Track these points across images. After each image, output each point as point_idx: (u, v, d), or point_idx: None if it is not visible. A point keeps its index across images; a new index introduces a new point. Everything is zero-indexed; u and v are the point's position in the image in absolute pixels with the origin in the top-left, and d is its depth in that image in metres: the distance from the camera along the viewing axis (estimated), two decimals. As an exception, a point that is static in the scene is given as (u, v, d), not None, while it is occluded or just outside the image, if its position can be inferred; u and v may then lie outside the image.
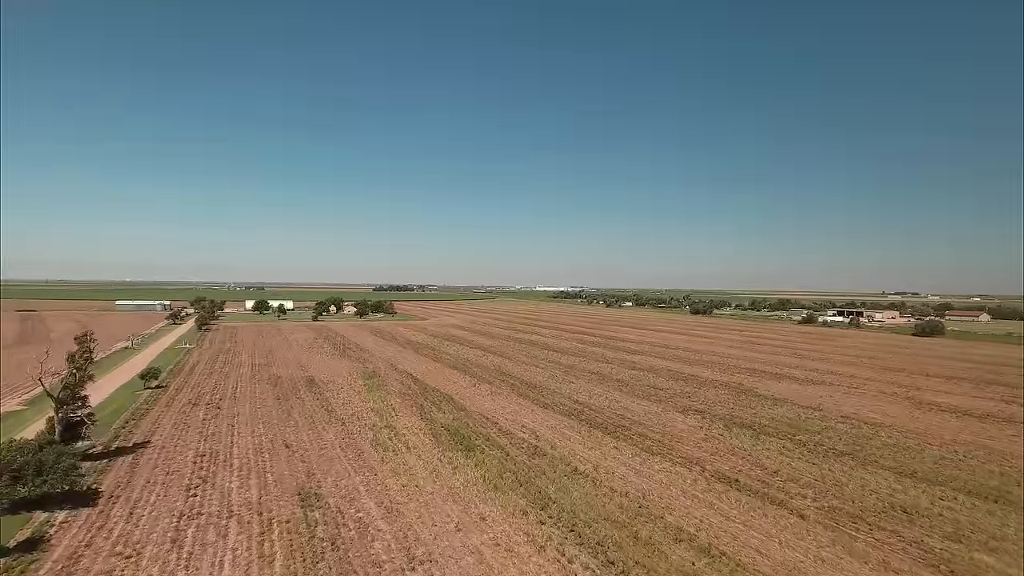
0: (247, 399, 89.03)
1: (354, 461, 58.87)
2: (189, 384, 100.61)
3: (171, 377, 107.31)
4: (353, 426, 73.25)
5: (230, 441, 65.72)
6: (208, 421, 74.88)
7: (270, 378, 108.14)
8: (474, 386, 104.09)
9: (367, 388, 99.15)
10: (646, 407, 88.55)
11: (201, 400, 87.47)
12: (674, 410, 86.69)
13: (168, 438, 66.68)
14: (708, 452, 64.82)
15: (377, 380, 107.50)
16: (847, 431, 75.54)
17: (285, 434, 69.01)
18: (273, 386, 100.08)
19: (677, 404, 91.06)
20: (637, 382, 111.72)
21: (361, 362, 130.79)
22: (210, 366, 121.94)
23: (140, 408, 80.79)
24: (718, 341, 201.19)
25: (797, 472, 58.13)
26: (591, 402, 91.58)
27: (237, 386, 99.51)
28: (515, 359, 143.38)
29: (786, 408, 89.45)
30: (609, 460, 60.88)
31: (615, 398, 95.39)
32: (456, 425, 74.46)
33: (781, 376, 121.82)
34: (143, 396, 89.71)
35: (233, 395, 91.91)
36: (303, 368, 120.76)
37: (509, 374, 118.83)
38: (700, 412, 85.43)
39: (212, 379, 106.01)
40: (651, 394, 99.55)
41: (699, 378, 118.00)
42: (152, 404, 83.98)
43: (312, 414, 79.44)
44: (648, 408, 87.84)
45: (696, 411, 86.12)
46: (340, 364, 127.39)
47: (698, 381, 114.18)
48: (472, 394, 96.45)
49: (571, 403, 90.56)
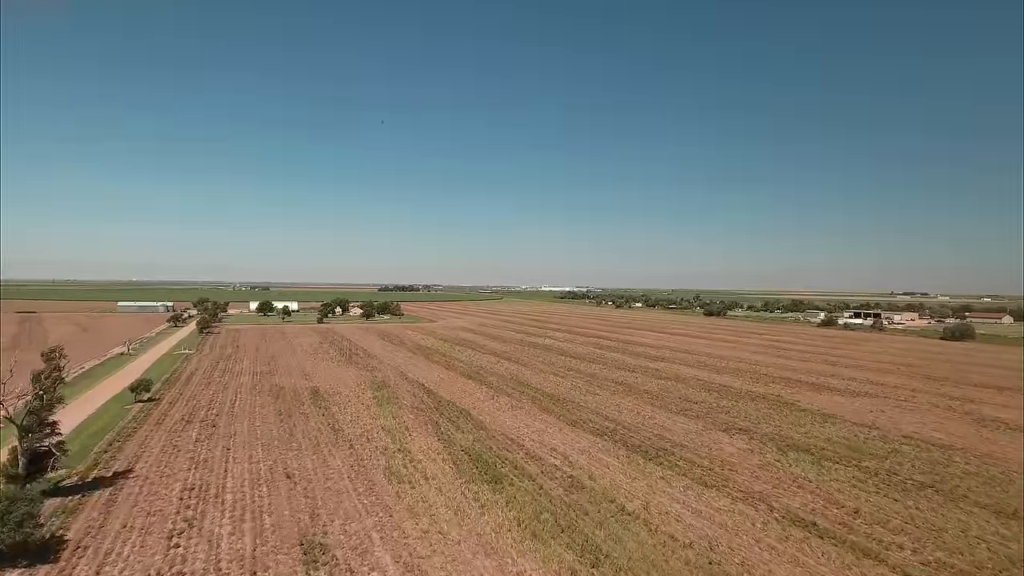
0: (246, 414, 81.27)
1: (365, 496, 50.89)
2: (184, 396, 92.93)
3: (166, 388, 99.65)
4: (363, 449, 65.31)
5: (224, 469, 57.86)
6: (201, 443, 67.07)
7: (272, 389, 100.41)
8: (492, 399, 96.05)
9: (376, 401, 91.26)
10: (684, 425, 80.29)
11: (195, 416, 79.73)
12: (716, 428, 78.42)
13: (154, 465, 58.86)
14: (769, 484, 56.54)
15: (387, 392, 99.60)
16: (917, 456, 67.06)
17: (287, 459, 61.13)
18: (275, 399, 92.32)
19: (717, 421, 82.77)
20: (667, 394, 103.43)
21: (369, 370, 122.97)
22: (208, 375, 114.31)
23: (127, 427, 73.05)
24: (740, 346, 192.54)
25: (880, 512, 49.79)
26: (622, 418, 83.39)
27: (236, 399, 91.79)
28: (531, 366, 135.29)
29: (839, 426, 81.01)
30: (659, 495, 52.69)
31: (647, 413, 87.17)
32: (478, 448, 66.40)
33: (819, 386, 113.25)
34: (133, 411, 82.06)
35: (231, 410, 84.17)
36: (308, 377, 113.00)
37: (527, 384, 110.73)
38: (745, 431, 77.13)
39: (210, 390, 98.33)
40: (686, 408, 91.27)
41: (731, 389, 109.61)
42: (141, 421, 76.25)
43: (317, 434, 71.56)
44: (687, 426, 79.59)
45: (740, 430, 77.82)
46: (347, 373, 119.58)
47: (731, 392, 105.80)
48: (491, 408, 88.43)
49: (600, 420, 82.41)
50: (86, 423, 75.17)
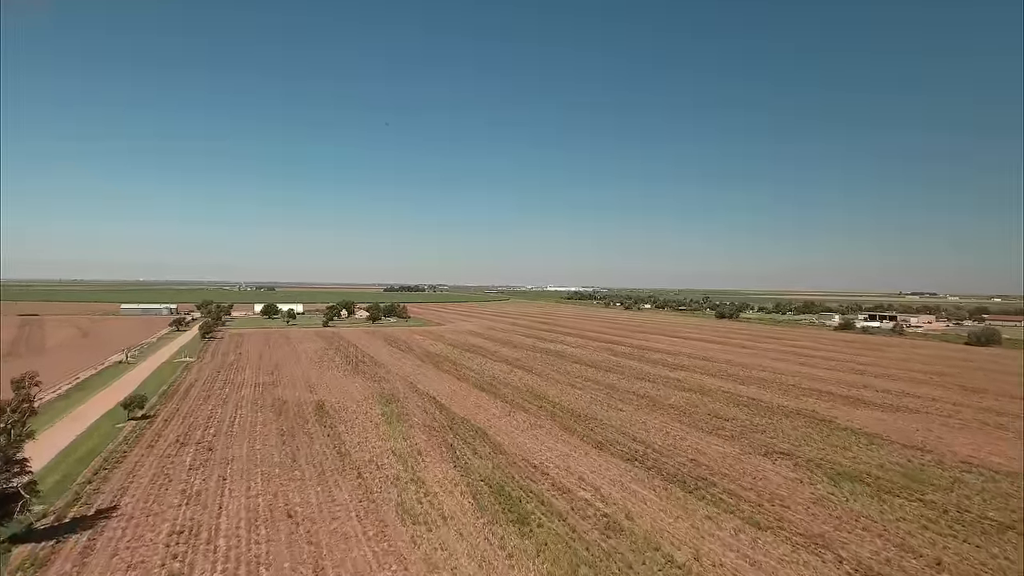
0: (246, 434, 75.47)
1: (376, 542, 44.84)
2: (181, 412, 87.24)
3: (162, 403, 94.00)
4: (372, 478, 59.34)
5: (218, 505, 51.97)
6: (195, 471, 61.24)
7: (274, 403, 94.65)
8: (508, 415, 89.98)
9: (385, 418, 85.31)
10: (720, 447, 73.96)
11: (191, 437, 73.95)
12: (754, 452, 72.05)
13: (141, 500, 53.04)
14: (830, 524, 50.20)
15: (396, 406, 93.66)
16: (984, 487, 60.53)
17: (288, 492, 55.22)
18: (277, 415, 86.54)
19: (754, 443, 76.39)
20: (694, 409, 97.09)
21: (376, 381, 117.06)
22: (208, 386, 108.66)
23: (117, 450, 67.31)
24: (760, 352, 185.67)
25: (966, 563, 43.38)
26: (651, 439, 77.13)
27: (236, 415, 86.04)
28: (546, 376, 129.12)
29: (887, 449, 74.51)
30: (709, 540, 46.41)
31: (677, 433, 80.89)
32: (499, 478, 60.30)
33: (854, 400, 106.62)
34: (125, 431, 76.41)
35: (230, 428, 78.39)
36: (312, 389, 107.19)
37: (544, 397, 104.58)
38: (787, 455, 70.75)
39: (208, 405, 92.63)
40: (717, 427, 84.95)
41: (761, 403, 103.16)
42: (133, 443, 70.54)
43: (321, 459, 65.64)
44: (723, 449, 73.26)
45: (782, 454, 71.43)
46: (353, 383, 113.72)
47: (762, 407, 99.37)
48: (508, 427, 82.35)
49: (628, 441, 76.18)
50: (73, 445, 69.52)
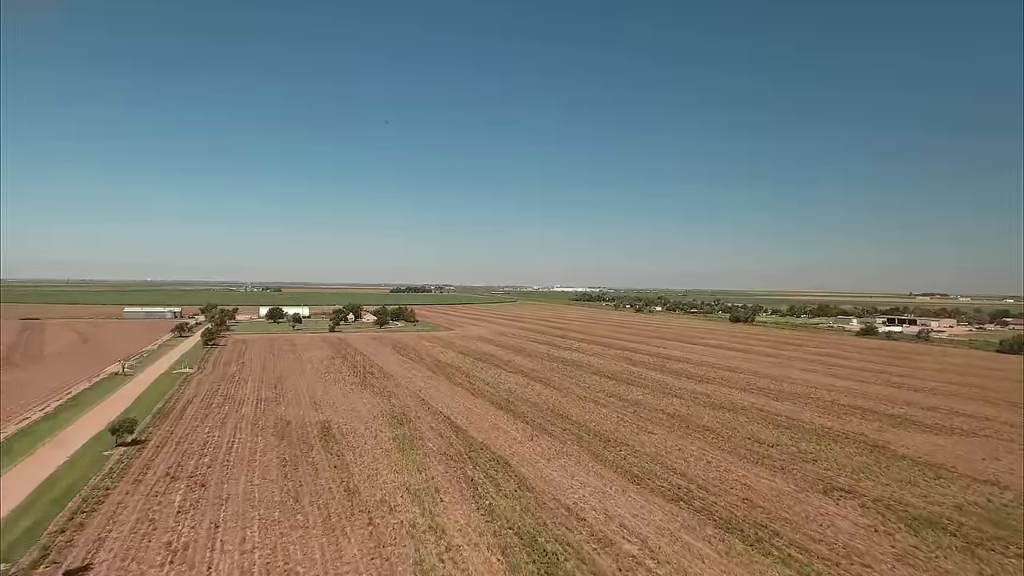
0: (244, 465, 68.28)
1: (392, 620, 37.47)
2: (174, 436, 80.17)
3: (155, 424, 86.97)
4: (385, 525, 51.96)
5: (207, 565, 44.65)
6: (185, 514, 54.04)
7: (277, 424, 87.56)
8: (531, 439, 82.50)
9: (397, 444, 77.99)
10: (771, 482, 66.18)
11: (183, 468, 66.80)
12: (811, 488, 64.22)
13: (119, 556, 45.80)
14: (928, 594, 42.50)
15: (408, 428, 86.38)
16: (1088, 537, 52.63)
17: (289, 545, 47.90)
18: (279, 439, 79.40)
19: (808, 476, 68.54)
20: (730, 431, 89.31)
21: (386, 396, 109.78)
22: (207, 403, 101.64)
23: (98, 488, 60.13)
24: (785, 361, 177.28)
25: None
26: (692, 471, 69.41)
27: (234, 439, 78.94)
28: (565, 390, 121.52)
29: (958, 484, 66.52)
30: (790, 618, 38.78)
31: (719, 462, 73.14)
32: (529, 525, 52.77)
33: (901, 420, 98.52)
34: (112, 460, 69.35)
35: (227, 457, 71.23)
36: (317, 407, 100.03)
37: (567, 416, 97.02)
38: (850, 493, 62.90)
39: (205, 426, 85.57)
40: (761, 454, 77.18)
41: (802, 423, 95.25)
42: (117, 477, 63.40)
43: (327, 498, 58.34)
44: (775, 484, 65.48)
45: (843, 491, 63.55)
46: (361, 399, 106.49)
47: (804, 429, 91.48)
48: (532, 455, 74.84)
49: (667, 473, 68.52)
50: (52, 479, 62.48)
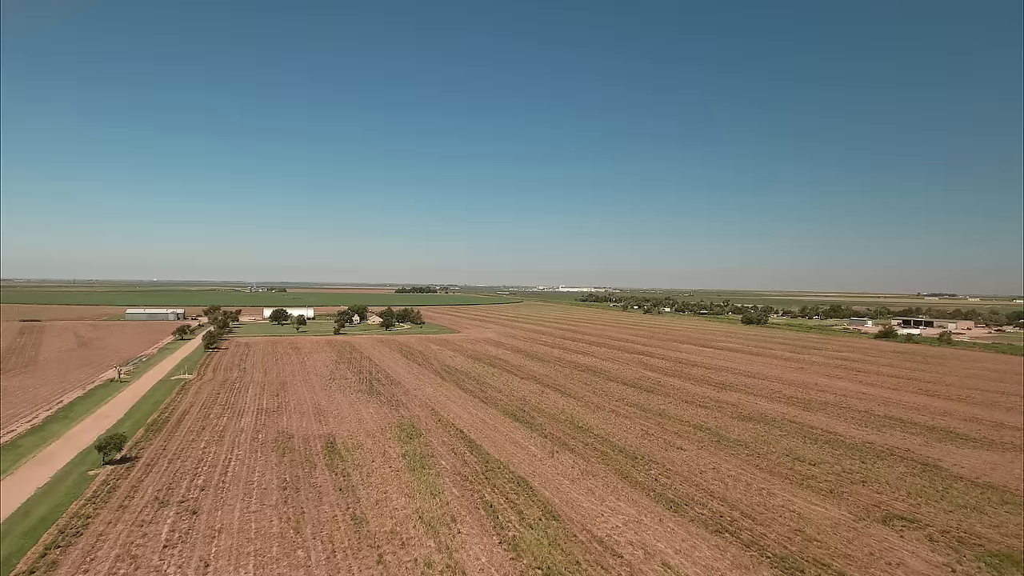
0: (240, 487, 62.26)
1: None
2: (167, 453, 74.21)
3: (147, 438, 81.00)
4: (396, 565, 45.72)
5: (193, 617, 38.68)
6: (172, 549, 47.97)
7: (277, 439, 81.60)
8: (551, 456, 76.25)
9: (407, 463, 71.83)
10: (822, 508, 59.65)
11: (174, 492, 60.78)
12: (868, 516, 57.65)
13: (92, 605, 39.90)
14: (1038, 659, 36.04)
15: (419, 443, 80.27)
16: None
17: (287, 591, 41.84)
18: (280, 456, 73.41)
19: (861, 501, 61.97)
20: (766, 447, 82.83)
21: (394, 406, 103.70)
22: (204, 414, 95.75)
23: (79, 516, 54.12)
24: (807, 366, 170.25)
25: None
26: (732, 495, 62.95)
27: (231, 457, 72.95)
28: (583, 399, 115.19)
29: (1031, 512, 59.95)
30: None
31: (760, 484, 66.65)
32: (560, 564, 46.39)
33: (946, 433, 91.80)
34: (97, 481, 63.40)
35: (222, 478, 65.23)
36: (322, 418, 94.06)
37: (588, 429, 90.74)
38: (912, 522, 56.32)
39: (201, 441, 79.63)
40: (804, 474, 70.65)
41: (840, 437, 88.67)
42: (101, 502, 57.42)
43: (331, 528, 52.22)
44: (827, 511, 58.94)
45: (904, 519, 56.98)
46: (368, 410, 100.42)
47: (844, 444, 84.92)
48: (554, 475, 68.56)
49: (705, 497, 62.10)
50: (29, 505, 56.58)
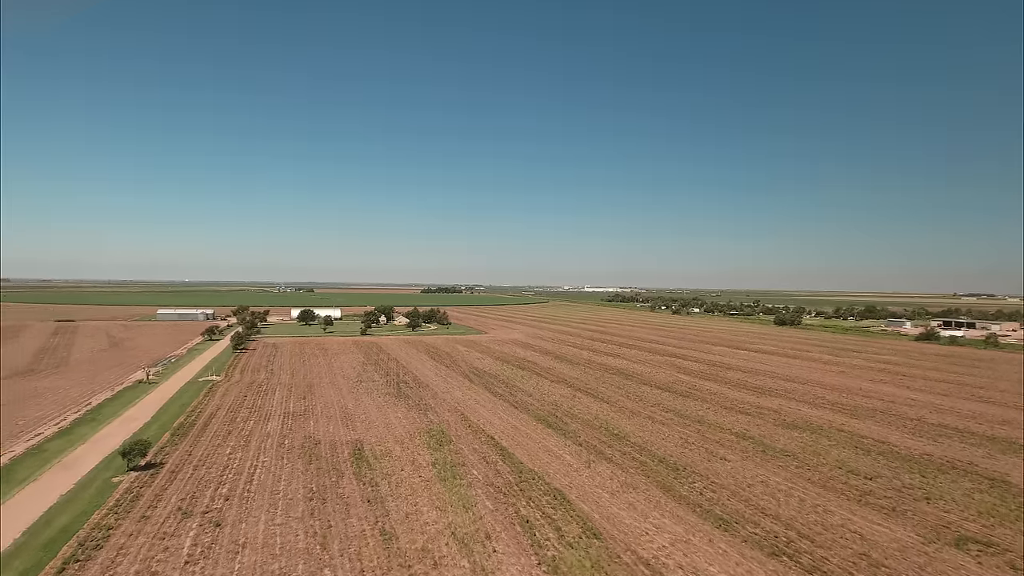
0: (265, 497, 59.87)
1: None
2: (192, 459, 72.39)
3: (173, 443, 79.48)
4: (429, 588, 42.64)
5: (212, 645, 36.01)
6: (193, 565, 45.47)
7: (304, 444, 79.37)
8: (588, 466, 72.48)
9: (437, 472, 68.80)
10: (886, 529, 54.67)
11: (198, 502, 58.62)
12: (938, 538, 52.55)
13: (108, 629, 37.52)
14: None
15: (449, 451, 77.25)
16: None
17: (313, 616, 38.96)
18: (307, 464, 71.02)
19: (928, 521, 56.89)
20: (815, 458, 77.77)
21: (423, 411, 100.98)
22: (231, 417, 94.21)
23: (99, 527, 52.16)
24: (848, 370, 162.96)
25: None
26: (786, 512, 58.38)
27: (257, 465, 70.77)
28: (617, 404, 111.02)
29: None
30: None
31: (814, 499, 61.88)
32: (605, 591, 42.80)
33: (1008, 444, 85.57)
34: (120, 489, 61.63)
35: (247, 487, 62.97)
36: (349, 422, 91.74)
37: (624, 437, 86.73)
38: (989, 547, 51.13)
39: (226, 448, 77.75)
40: (861, 490, 65.57)
41: (894, 448, 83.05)
42: (123, 512, 55.48)
43: (359, 545, 49.32)
44: (892, 532, 53.93)
45: (979, 543, 51.76)
46: (396, 414, 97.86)
47: (900, 456, 79.35)
48: (592, 487, 64.81)
49: (755, 514, 57.66)
50: (50, 514, 54.91)
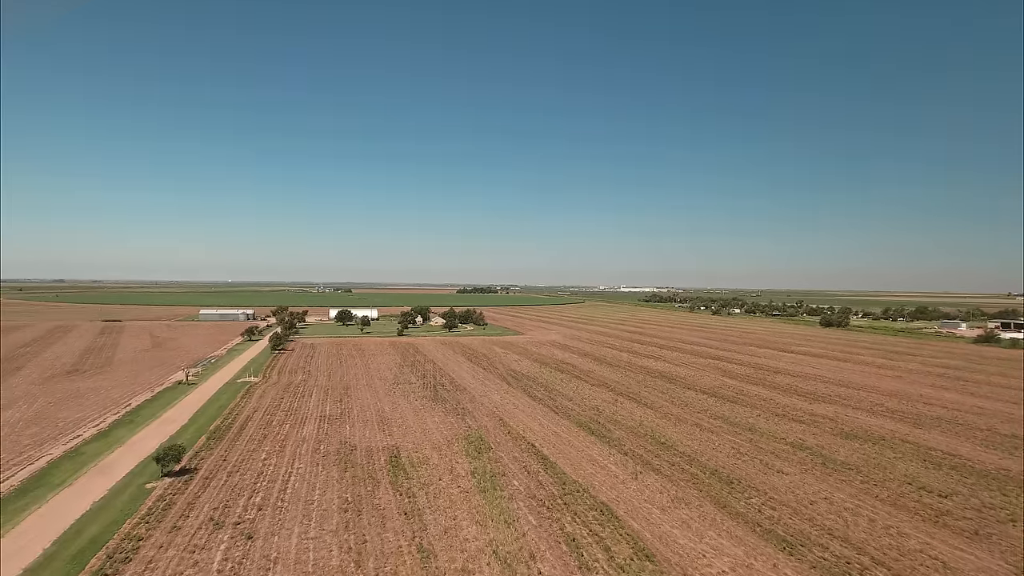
0: (299, 508, 57.52)
1: None
2: (227, 465, 70.79)
3: (209, 446, 78.28)
4: (470, 615, 39.27)
5: (238, 677, 33.35)
6: (222, 583, 43.27)
7: (340, 450, 77.19)
8: (635, 478, 68.14)
9: (476, 481, 65.52)
10: (971, 556, 48.90)
11: (230, 511, 56.63)
12: (1040, 572, 46.83)
13: (131, 654, 35.27)
14: None
15: (488, 459, 73.94)
16: None
17: (346, 645, 35.98)
18: (342, 471, 68.65)
19: (1020, 549, 50.89)
20: (881, 472, 71.67)
21: (460, 415, 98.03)
22: (267, 421, 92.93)
23: (129, 538, 50.45)
24: (905, 375, 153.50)
25: None
26: (857, 535, 53.02)
27: (291, 472, 68.69)
28: (661, 409, 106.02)
29: None
30: None
31: (888, 521, 56.28)
32: (664, 625, 38.67)
33: (1104, 461, 77.56)
34: (151, 497, 60.17)
35: (281, 495, 60.82)
36: (386, 427, 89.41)
37: (671, 446, 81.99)
38: (1103, 583, 45.12)
39: (262, 452, 76.10)
40: (937, 510, 59.59)
41: (968, 462, 76.10)
42: (154, 521, 53.80)
43: (396, 563, 46.27)
44: (979, 561, 48.16)
45: (1091, 579, 45.81)
46: (433, 419, 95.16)
47: (975, 471, 72.49)
48: (641, 501, 60.54)
49: (824, 536, 52.49)
50: (81, 523, 53.57)
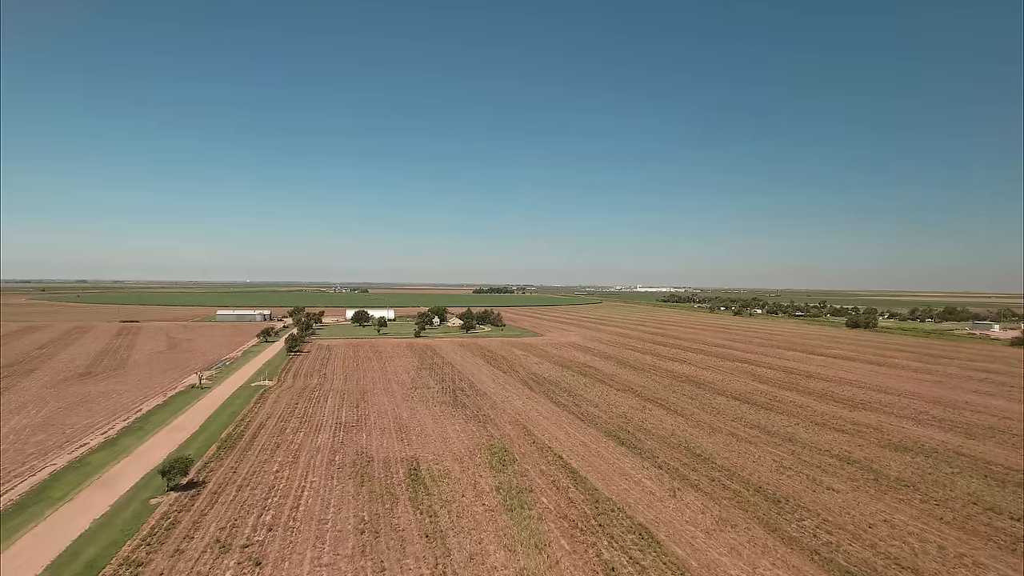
0: (312, 529, 53.24)
1: None
2: (236, 478, 66.85)
3: (219, 457, 74.51)
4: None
5: None
6: (226, 619, 39.04)
7: (356, 461, 72.96)
8: (673, 495, 63.01)
9: (503, 500, 60.79)
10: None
11: (238, 532, 52.53)
12: None
13: None
14: None
15: (512, 471, 69.21)
16: None
17: None
18: (359, 486, 64.37)
19: (1124, 586, 45.04)
20: (940, 489, 65.81)
21: (482, 423, 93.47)
22: (280, 428, 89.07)
23: (128, 563, 46.43)
24: (944, 380, 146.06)
25: None
26: (931, 567, 47.46)
27: (304, 486, 64.52)
28: (692, 417, 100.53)
29: None
30: None
31: (961, 550, 50.67)
32: None
33: None
34: (155, 515, 56.28)
35: (292, 513, 56.63)
36: (404, 435, 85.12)
37: (707, 458, 76.65)
38: None
39: (273, 465, 72.05)
40: (1014, 535, 53.85)
41: (1039, 479, 69.91)
42: (155, 546, 49.73)
43: (417, 597, 41.79)
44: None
45: None
46: (453, 427, 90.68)
47: (1049, 489, 66.35)
48: (683, 523, 55.43)
49: (894, 569, 47.00)
50: (78, 544, 49.76)
